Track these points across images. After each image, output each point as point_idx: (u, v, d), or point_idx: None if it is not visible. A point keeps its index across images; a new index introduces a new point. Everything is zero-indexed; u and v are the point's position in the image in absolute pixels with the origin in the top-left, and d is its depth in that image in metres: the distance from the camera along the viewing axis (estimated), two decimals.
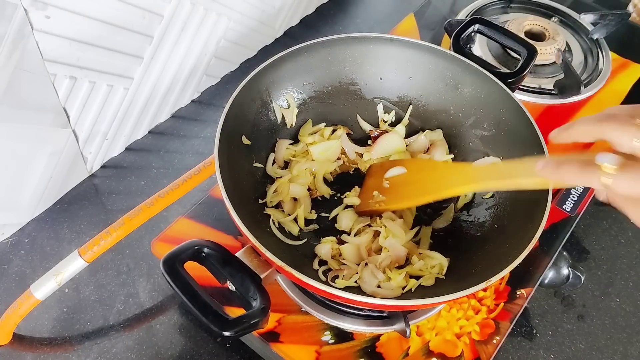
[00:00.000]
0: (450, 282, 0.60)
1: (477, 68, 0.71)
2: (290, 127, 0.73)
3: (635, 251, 0.81)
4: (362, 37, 0.73)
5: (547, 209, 0.57)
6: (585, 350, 0.71)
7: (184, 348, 0.69)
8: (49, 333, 0.70)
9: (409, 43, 0.73)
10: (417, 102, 0.76)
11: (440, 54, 0.72)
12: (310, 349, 0.64)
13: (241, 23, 0.96)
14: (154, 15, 0.79)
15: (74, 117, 0.77)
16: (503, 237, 0.62)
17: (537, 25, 0.99)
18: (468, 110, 0.73)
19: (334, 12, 1.17)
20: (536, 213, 0.57)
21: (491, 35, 0.79)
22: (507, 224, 0.64)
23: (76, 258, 0.65)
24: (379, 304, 0.54)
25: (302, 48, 0.70)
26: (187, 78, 0.93)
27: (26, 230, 0.79)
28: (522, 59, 0.75)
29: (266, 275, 0.54)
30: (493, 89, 0.70)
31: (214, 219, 0.74)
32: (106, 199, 0.83)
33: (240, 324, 0.49)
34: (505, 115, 0.68)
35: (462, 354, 0.64)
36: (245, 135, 0.67)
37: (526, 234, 0.56)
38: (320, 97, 0.75)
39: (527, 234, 0.56)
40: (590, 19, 1.05)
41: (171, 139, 0.92)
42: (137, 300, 0.73)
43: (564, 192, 0.79)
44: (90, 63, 0.74)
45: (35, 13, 0.64)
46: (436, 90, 0.74)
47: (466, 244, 0.66)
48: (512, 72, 0.72)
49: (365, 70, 0.75)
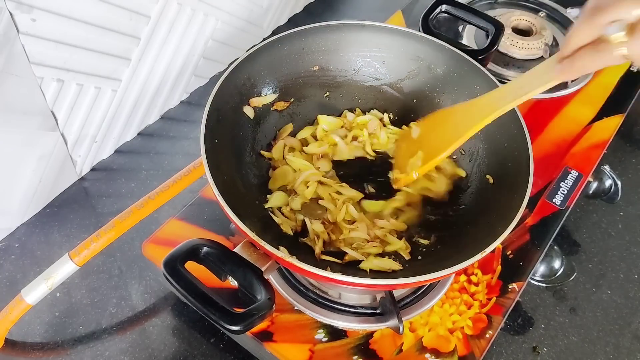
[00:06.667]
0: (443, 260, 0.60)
1: (448, 47, 0.73)
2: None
3: (626, 243, 0.82)
4: (334, 25, 0.74)
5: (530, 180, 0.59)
6: (577, 342, 0.72)
7: (178, 350, 0.69)
8: (41, 338, 0.69)
9: (379, 28, 0.75)
10: (392, 86, 0.77)
11: (411, 36, 0.74)
12: (303, 347, 0.64)
13: (229, 23, 0.96)
14: (141, 17, 0.79)
15: (62, 120, 0.76)
16: (490, 214, 0.63)
17: (524, 21, 1.00)
18: (443, 89, 0.75)
19: (322, 10, 1.17)
20: (520, 185, 0.60)
21: (458, 14, 0.83)
22: (492, 202, 0.65)
23: (67, 262, 0.65)
24: (381, 284, 0.54)
25: (275, 40, 0.71)
26: (176, 79, 0.93)
27: (16, 234, 0.79)
28: (491, 35, 0.79)
29: (266, 268, 0.54)
30: (466, 66, 0.72)
31: (205, 219, 0.74)
32: (96, 202, 0.83)
33: (249, 316, 0.49)
34: (479, 90, 0.70)
35: (456, 348, 0.65)
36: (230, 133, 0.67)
37: (513, 205, 0.58)
38: (296, 87, 0.76)
39: (514, 204, 0.58)
40: (577, 13, 1.05)
41: (161, 141, 0.92)
42: (130, 303, 0.73)
43: (553, 186, 0.79)
44: (77, 65, 0.74)
45: (20, 16, 0.63)
46: (410, 72, 0.76)
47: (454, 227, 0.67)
48: (482, 49, 0.76)
49: (339, 57, 0.76)
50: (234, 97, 0.69)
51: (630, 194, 0.87)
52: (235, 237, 0.72)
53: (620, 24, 0.43)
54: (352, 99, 0.78)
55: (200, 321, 0.71)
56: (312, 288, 0.68)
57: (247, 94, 0.71)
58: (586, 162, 0.83)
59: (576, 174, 0.81)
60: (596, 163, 0.83)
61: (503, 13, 1.02)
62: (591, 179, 0.85)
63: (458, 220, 0.67)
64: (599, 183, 0.87)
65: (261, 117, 0.73)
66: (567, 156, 0.83)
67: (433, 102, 0.75)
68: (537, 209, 0.77)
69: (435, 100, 0.75)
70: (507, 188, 0.63)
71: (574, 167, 0.82)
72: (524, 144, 0.63)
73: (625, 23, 0.43)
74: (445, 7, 0.83)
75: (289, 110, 0.75)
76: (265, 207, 0.67)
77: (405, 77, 0.77)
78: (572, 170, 0.81)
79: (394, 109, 0.78)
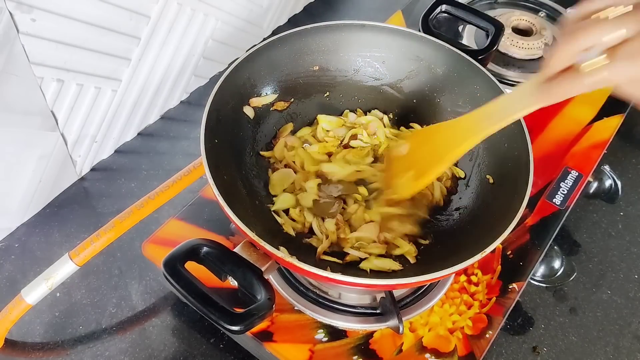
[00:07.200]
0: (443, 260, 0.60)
1: (448, 47, 0.73)
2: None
3: (626, 243, 0.82)
4: (334, 25, 0.74)
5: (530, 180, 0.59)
6: (577, 342, 0.72)
7: (178, 350, 0.69)
8: (41, 338, 0.69)
9: (379, 28, 0.75)
10: (392, 86, 0.77)
11: (412, 36, 0.74)
12: (304, 347, 0.64)
13: (229, 23, 0.96)
14: (141, 17, 0.79)
15: (62, 120, 0.76)
16: (490, 214, 0.63)
17: (524, 21, 1.00)
18: (443, 89, 0.75)
19: (322, 10, 1.17)
20: (520, 185, 0.60)
21: (458, 14, 0.83)
22: (492, 202, 0.65)
23: (67, 262, 0.65)
24: (381, 284, 0.54)
25: (275, 40, 0.71)
26: (176, 79, 0.93)
27: (16, 234, 0.79)
28: (490, 35, 0.78)
29: (266, 268, 0.55)
30: (466, 66, 0.72)
31: (205, 219, 0.74)
32: (96, 202, 0.83)
33: (249, 316, 0.49)
34: (479, 91, 0.70)
35: (456, 349, 0.65)
36: (230, 133, 0.67)
37: (513, 205, 0.58)
38: (296, 87, 0.76)
39: (514, 204, 0.58)
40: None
41: (160, 141, 0.92)
42: (130, 303, 0.73)
43: (553, 186, 0.79)
44: (77, 65, 0.74)
45: (20, 16, 0.63)
46: (410, 72, 0.76)
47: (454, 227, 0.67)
48: (482, 49, 0.75)
49: (339, 57, 0.76)
50: (234, 97, 0.69)
51: (630, 194, 0.87)
52: (235, 237, 0.72)
53: (596, 51, 0.42)
54: (352, 99, 0.78)
55: (200, 321, 0.71)
56: (312, 288, 0.68)
57: (247, 94, 0.71)
58: (586, 162, 0.83)
59: (576, 174, 0.81)
60: (596, 163, 0.83)
61: (503, 13, 1.02)
62: (591, 179, 0.85)
63: (458, 220, 0.67)
64: (599, 183, 0.87)
65: (261, 117, 0.73)
66: (567, 156, 0.83)
67: (433, 102, 0.75)
68: (537, 209, 0.77)
69: (435, 100, 0.75)
70: (507, 188, 0.63)
71: (574, 167, 0.82)
72: (524, 144, 0.63)
73: (601, 49, 0.43)
74: (445, 7, 0.83)
75: (289, 110, 0.75)
76: (272, 209, 0.67)
77: (405, 77, 0.76)
78: (572, 170, 0.81)
79: (394, 109, 0.78)
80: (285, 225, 0.65)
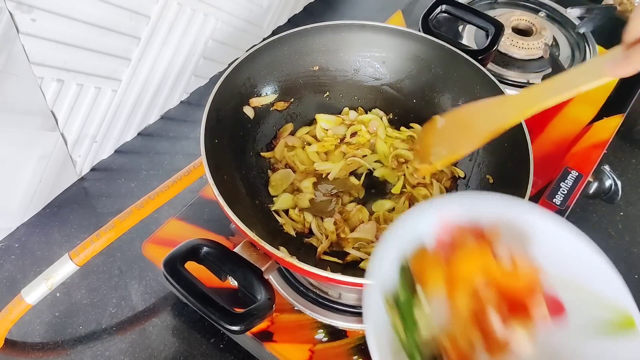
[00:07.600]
0: None
1: (448, 47, 0.73)
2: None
3: (626, 243, 0.82)
4: (334, 25, 0.74)
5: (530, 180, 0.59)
6: None
7: (178, 350, 0.69)
8: (41, 338, 0.69)
9: (379, 28, 0.75)
10: (392, 86, 0.77)
11: (411, 36, 0.74)
12: (304, 347, 0.64)
13: (229, 23, 0.96)
14: (141, 17, 0.79)
15: (62, 120, 0.76)
16: None
17: (524, 21, 1.00)
18: (443, 89, 0.75)
19: (322, 10, 1.17)
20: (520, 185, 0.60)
21: (458, 14, 0.83)
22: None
23: (67, 262, 0.65)
24: None
25: (275, 40, 0.71)
26: (176, 79, 0.93)
27: (16, 234, 0.79)
28: (490, 35, 0.78)
29: (266, 268, 0.55)
30: (466, 66, 0.72)
31: (205, 219, 0.74)
32: (96, 202, 0.83)
33: (249, 316, 0.50)
34: (479, 90, 0.70)
35: None
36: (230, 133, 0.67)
37: None
38: (296, 87, 0.76)
39: None
40: (576, 12, 1.05)
41: (160, 141, 0.91)
42: (130, 303, 0.73)
43: (553, 186, 0.79)
44: (77, 65, 0.74)
45: (20, 16, 0.63)
46: (410, 72, 0.76)
47: None
48: (482, 49, 0.75)
49: (339, 57, 0.76)
50: (234, 97, 0.69)
51: (630, 194, 0.87)
52: (235, 237, 0.72)
53: None
54: (352, 99, 0.78)
55: (200, 321, 0.71)
56: (312, 288, 0.68)
57: (247, 94, 0.71)
58: (586, 162, 0.83)
59: (576, 174, 0.81)
60: (596, 163, 0.83)
61: (503, 13, 1.02)
62: (591, 179, 0.85)
63: None
64: (599, 183, 0.87)
65: (261, 117, 0.73)
66: (567, 156, 0.83)
67: (433, 102, 0.75)
68: None
69: (435, 100, 0.75)
70: (507, 188, 0.63)
71: (574, 167, 0.82)
72: (524, 144, 0.63)
73: None
74: (445, 7, 0.83)
75: (289, 110, 0.76)
76: (272, 209, 0.67)
77: (405, 77, 0.77)
78: (572, 170, 0.81)
79: (394, 109, 0.78)
80: (286, 225, 0.65)
